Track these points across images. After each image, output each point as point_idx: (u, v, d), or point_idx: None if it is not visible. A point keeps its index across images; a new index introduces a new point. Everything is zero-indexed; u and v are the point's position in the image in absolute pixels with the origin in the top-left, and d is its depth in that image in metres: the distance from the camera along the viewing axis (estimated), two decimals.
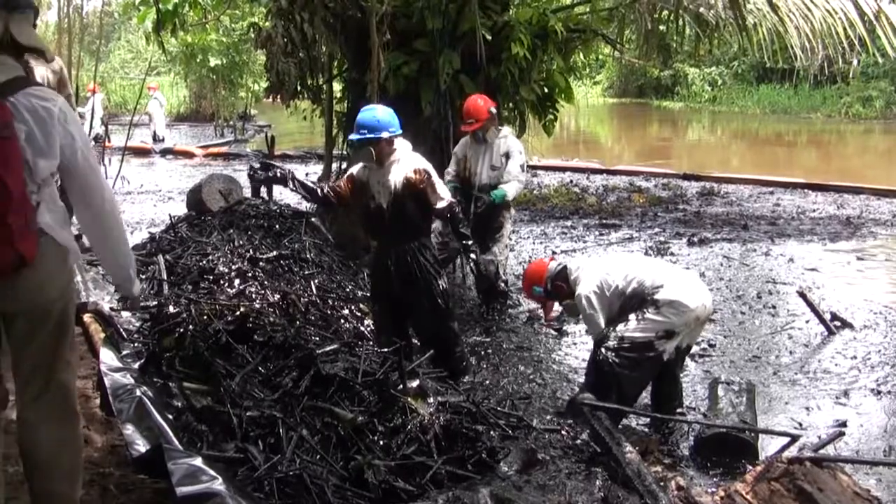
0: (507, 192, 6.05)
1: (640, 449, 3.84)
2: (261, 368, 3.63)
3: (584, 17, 8.72)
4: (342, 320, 4.67)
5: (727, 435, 4.07)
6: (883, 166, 17.02)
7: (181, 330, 3.78)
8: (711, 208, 11.12)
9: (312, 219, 6.66)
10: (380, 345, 4.22)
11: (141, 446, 3.02)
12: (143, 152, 16.75)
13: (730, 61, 29.91)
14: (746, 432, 4.10)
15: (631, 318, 4.23)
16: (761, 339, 5.92)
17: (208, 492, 2.63)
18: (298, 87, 7.60)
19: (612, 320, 4.33)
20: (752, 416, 4.27)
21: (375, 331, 4.68)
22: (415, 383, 3.55)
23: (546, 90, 8.04)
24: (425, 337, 4.71)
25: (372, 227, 4.74)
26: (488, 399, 4.14)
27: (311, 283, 5.06)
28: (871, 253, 8.69)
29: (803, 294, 6.30)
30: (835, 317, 6.13)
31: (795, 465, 3.20)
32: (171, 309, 3.98)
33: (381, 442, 3.23)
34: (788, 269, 7.92)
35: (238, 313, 3.95)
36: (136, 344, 4.00)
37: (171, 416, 3.21)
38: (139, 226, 9.42)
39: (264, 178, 4.63)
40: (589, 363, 4.51)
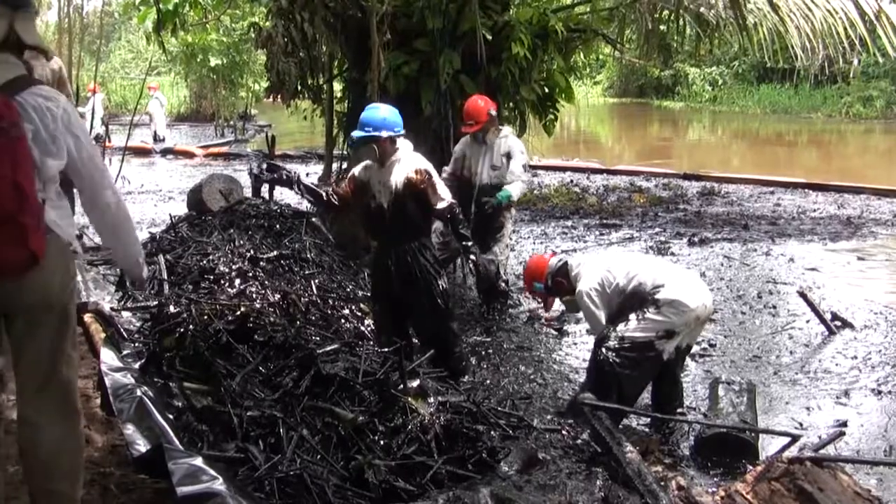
0: (512, 193, 6.04)
1: (640, 449, 3.84)
2: (261, 368, 3.63)
3: (585, 16, 8.74)
4: (342, 320, 4.66)
5: (728, 435, 4.06)
6: (883, 166, 17.02)
7: (182, 330, 3.78)
8: (712, 208, 11.12)
9: (313, 219, 6.66)
10: (380, 345, 4.22)
11: (141, 446, 3.02)
12: (144, 152, 16.75)
13: (730, 61, 29.92)
14: (747, 432, 4.10)
15: (631, 317, 4.23)
16: (762, 338, 5.92)
17: (209, 492, 2.63)
18: (299, 87, 7.61)
19: (611, 318, 4.33)
20: (752, 415, 4.27)
21: (376, 331, 4.68)
22: (415, 383, 3.55)
23: (546, 90, 8.05)
24: (425, 337, 4.71)
25: (372, 227, 4.74)
26: (489, 399, 4.14)
27: (312, 282, 5.05)
28: (872, 253, 8.68)
29: (804, 294, 6.30)
30: (835, 317, 6.13)
31: (796, 465, 3.20)
32: (171, 309, 3.98)
33: (382, 442, 3.22)
34: (789, 268, 7.91)
35: (238, 313, 3.94)
36: (136, 344, 4.00)
37: (171, 416, 3.21)
38: (140, 226, 9.40)
39: (270, 179, 4.64)
40: (590, 363, 4.51)
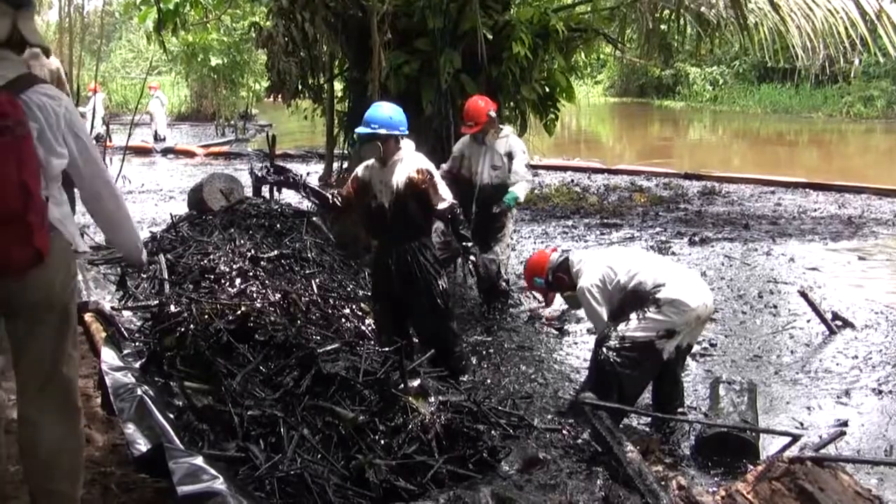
0: (518, 194, 6.04)
1: (641, 448, 3.84)
2: (262, 368, 3.62)
3: (586, 16, 8.75)
4: (343, 319, 4.66)
5: (728, 434, 4.06)
6: (884, 166, 17.00)
7: (182, 329, 3.77)
8: (713, 208, 11.11)
9: (314, 218, 6.66)
10: (381, 344, 4.22)
11: (142, 445, 3.02)
12: (145, 152, 16.76)
13: (731, 61, 29.89)
14: (747, 432, 4.10)
15: (632, 317, 4.23)
16: (762, 338, 5.92)
17: (209, 491, 2.63)
18: (299, 87, 7.62)
19: (612, 316, 4.33)
20: (753, 415, 4.27)
21: (376, 330, 4.68)
22: (416, 382, 3.55)
23: (547, 89, 8.05)
24: (425, 336, 4.71)
25: (373, 227, 4.75)
26: (489, 398, 4.14)
27: (313, 282, 5.05)
28: (873, 253, 8.67)
29: (804, 293, 6.30)
30: (836, 316, 6.13)
31: (796, 465, 3.19)
32: (172, 308, 3.97)
33: (383, 441, 3.22)
34: (790, 268, 7.91)
35: (239, 312, 3.94)
36: (137, 343, 4.00)
37: (172, 416, 3.20)
38: (141, 225, 9.39)
39: (276, 182, 4.66)
40: (590, 363, 4.51)
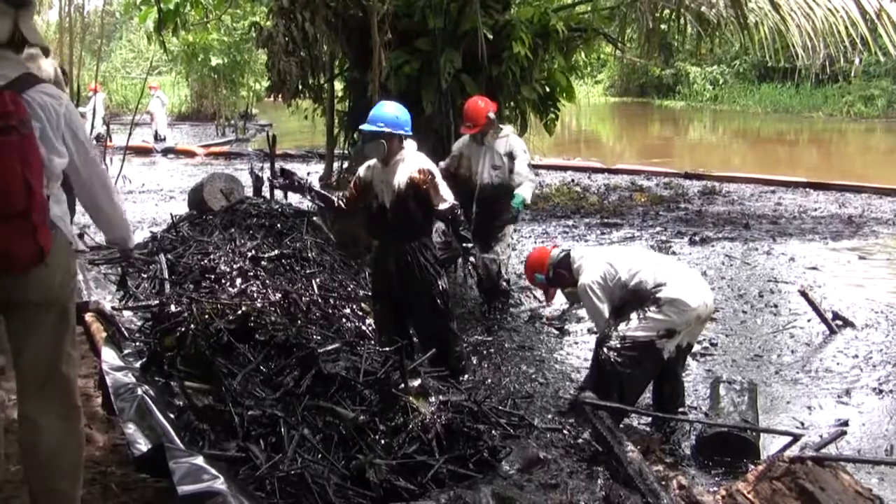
0: (526, 196, 6.02)
1: (641, 448, 3.84)
2: (262, 367, 3.62)
3: (586, 15, 8.74)
4: (344, 319, 4.66)
5: (729, 434, 4.06)
6: (885, 165, 16.98)
7: (182, 329, 3.77)
8: (713, 207, 11.11)
9: (314, 218, 6.66)
10: (381, 344, 4.22)
11: (142, 445, 3.02)
12: (145, 151, 16.76)
13: (731, 60, 29.87)
14: (748, 431, 4.10)
15: (632, 316, 4.23)
16: (763, 338, 5.92)
17: (210, 491, 2.63)
18: (300, 87, 7.60)
19: (613, 314, 4.33)
20: (753, 415, 4.27)
21: (377, 330, 4.68)
22: (416, 382, 3.55)
23: (547, 89, 8.04)
24: (424, 336, 4.71)
25: (374, 227, 4.74)
26: (490, 398, 4.14)
27: (313, 282, 5.05)
28: (873, 252, 8.68)
29: (805, 293, 6.29)
30: (836, 316, 6.13)
31: (797, 465, 3.20)
32: (172, 308, 3.97)
33: (383, 441, 3.22)
34: (790, 268, 7.91)
35: (239, 312, 3.94)
36: (137, 343, 4.00)
37: (172, 415, 3.20)
38: (141, 225, 9.41)
39: (283, 186, 4.68)
40: (591, 362, 4.51)
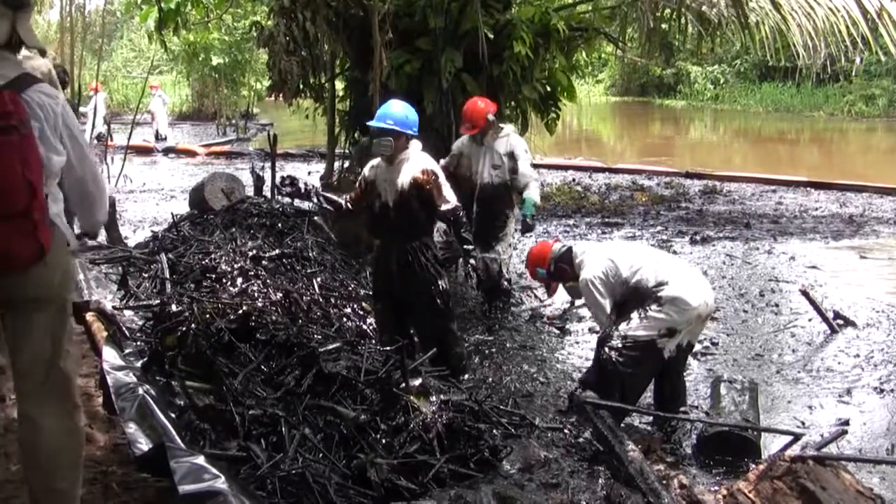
0: (535, 198, 6.03)
1: (642, 447, 3.84)
2: (263, 367, 3.62)
3: (587, 15, 8.74)
4: (344, 319, 4.66)
5: (730, 433, 4.07)
6: (886, 165, 16.98)
7: (183, 328, 3.77)
8: (714, 206, 11.11)
9: (315, 217, 6.65)
10: (382, 343, 4.22)
11: (143, 445, 3.02)
12: (146, 151, 16.77)
13: (732, 59, 29.85)
14: (749, 431, 4.10)
15: (633, 315, 4.23)
16: (764, 337, 5.92)
17: (211, 490, 2.63)
18: (301, 86, 7.61)
19: (614, 310, 4.33)
20: (754, 414, 4.27)
21: (378, 329, 4.68)
22: (417, 382, 3.55)
23: (548, 89, 8.03)
24: (424, 336, 4.71)
25: (376, 225, 4.74)
26: (491, 397, 4.14)
27: (314, 281, 5.05)
28: (874, 251, 8.67)
29: (806, 292, 6.29)
30: (837, 315, 6.12)
31: (798, 464, 3.20)
32: (173, 307, 3.97)
33: (384, 440, 3.22)
34: (791, 267, 7.91)
35: (240, 312, 3.94)
36: (138, 342, 4.00)
37: (173, 415, 3.20)
38: (142, 224, 9.42)
39: (290, 193, 4.71)
40: (593, 362, 4.51)
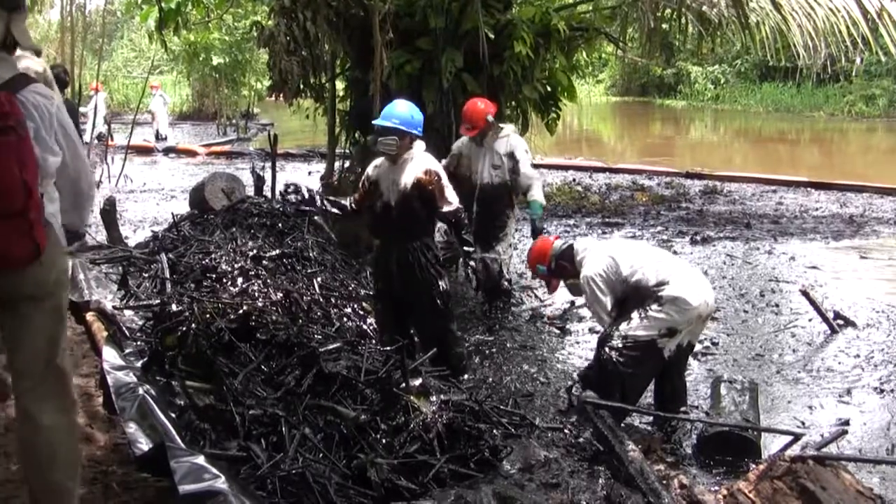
0: (540, 199, 6.07)
1: (642, 447, 3.83)
2: (263, 367, 3.62)
3: (587, 15, 8.74)
4: (345, 319, 4.66)
5: (730, 433, 4.06)
6: (886, 165, 16.98)
7: (184, 328, 3.77)
8: (714, 207, 11.11)
9: (315, 217, 6.65)
10: (382, 343, 4.22)
11: (143, 444, 3.02)
12: (146, 151, 16.77)
13: (732, 60, 29.84)
14: (749, 431, 4.09)
15: (633, 315, 4.23)
16: (764, 337, 5.92)
17: (211, 490, 2.63)
18: (301, 86, 7.61)
19: (615, 307, 4.33)
20: (754, 414, 4.27)
21: (378, 329, 4.68)
22: (417, 382, 3.55)
23: (549, 89, 8.03)
24: (424, 336, 4.71)
25: (378, 225, 4.74)
26: (491, 397, 4.14)
27: (314, 281, 5.05)
28: (874, 251, 8.67)
29: (806, 292, 6.29)
30: (838, 315, 6.12)
31: (798, 464, 3.20)
32: (173, 307, 3.98)
33: (384, 440, 3.22)
34: (791, 267, 7.91)
35: (241, 312, 3.94)
36: (138, 342, 4.00)
37: (173, 415, 3.20)
38: (142, 224, 9.41)
39: (296, 202, 4.74)
40: (593, 360, 4.51)
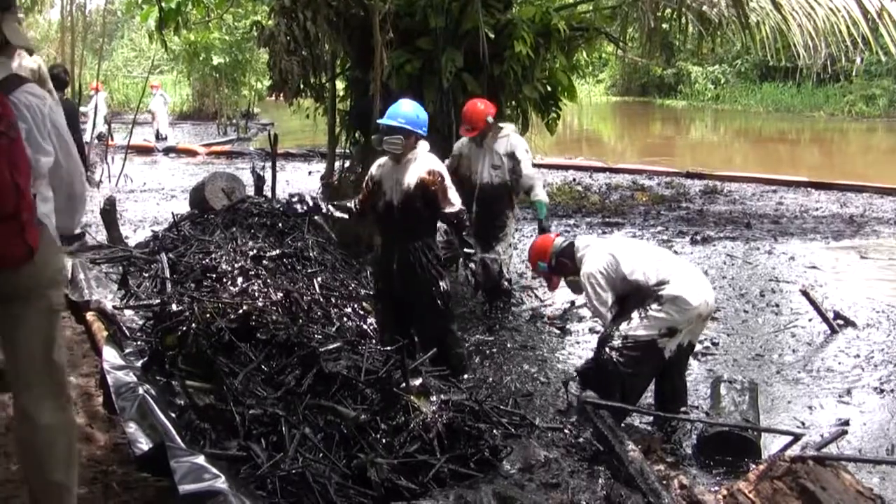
0: (543, 198, 6.12)
1: (642, 447, 3.83)
2: (263, 367, 3.63)
3: (588, 15, 8.74)
4: (345, 318, 4.67)
5: (730, 433, 4.06)
6: (886, 165, 16.98)
7: (184, 328, 3.78)
8: (714, 206, 11.11)
9: (315, 217, 6.65)
10: (382, 343, 4.22)
11: (144, 444, 3.03)
12: (147, 150, 16.77)
13: (733, 59, 29.85)
14: (749, 431, 4.09)
15: (634, 315, 4.22)
16: (764, 337, 5.92)
17: (211, 490, 2.63)
18: (301, 86, 7.61)
19: (615, 304, 4.33)
20: (754, 414, 4.27)
21: (378, 329, 4.68)
22: (417, 381, 3.55)
23: (549, 88, 8.03)
24: (424, 336, 4.70)
25: (379, 224, 4.73)
26: (491, 397, 4.14)
27: (314, 281, 5.05)
28: (874, 251, 8.67)
29: (806, 292, 6.29)
30: (838, 315, 6.12)
31: (798, 464, 3.20)
32: (173, 307, 3.98)
33: (384, 440, 3.22)
34: (791, 267, 7.90)
35: (241, 311, 3.95)
36: (138, 342, 4.00)
37: (173, 415, 3.21)
38: (142, 224, 9.41)
39: (303, 212, 4.78)
40: (592, 359, 4.51)
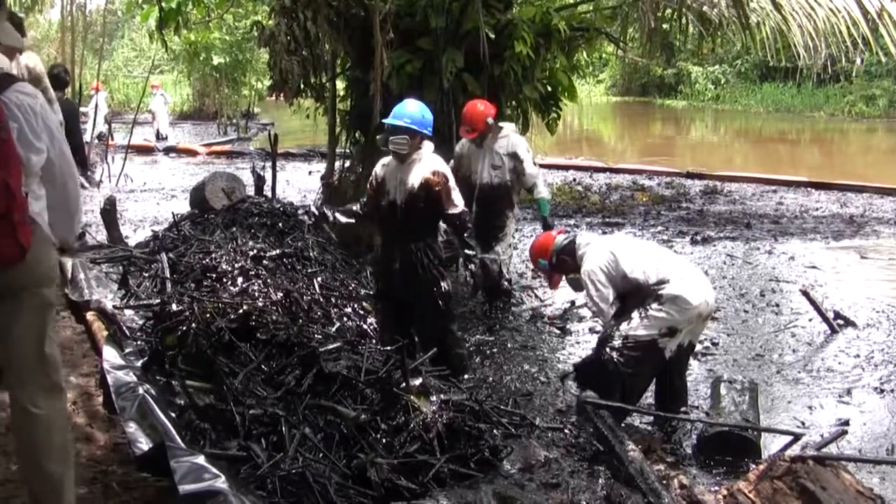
0: (546, 195, 6.23)
1: (642, 447, 3.83)
2: (263, 366, 3.63)
3: (588, 15, 8.73)
4: (345, 318, 4.67)
5: (730, 433, 4.06)
6: (886, 165, 16.98)
7: (184, 328, 3.78)
8: (715, 207, 11.11)
9: (324, 226, 6.65)
10: (383, 343, 4.22)
11: (143, 444, 3.03)
12: (147, 150, 16.77)
13: (733, 60, 29.88)
14: (749, 431, 4.10)
15: (634, 315, 4.23)
16: (764, 337, 5.92)
17: (211, 490, 2.64)
18: (301, 86, 7.60)
19: (616, 302, 4.33)
20: (754, 414, 4.27)
21: (378, 329, 4.68)
22: (418, 381, 3.55)
23: (549, 88, 8.03)
24: (424, 337, 4.70)
25: (381, 224, 4.73)
26: (491, 397, 4.14)
27: (314, 281, 5.05)
28: (875, 251, 8.67)
29: (806, 292, 6.29)
30: (838, 315, 6.12)
31: (798, 464, 3.20)
32: (174, 307, 3.98)
33: (384, 440, 3.23)
34: (791, 267, 7.91)
35: (241, 311, 3.95)
36: (138, 342, 4.01)
37: (173, 414, 3.21)
38: (142, 224, 9.41)
39: (312, 224, 4.84)
40: (592, 358, 4.51)
